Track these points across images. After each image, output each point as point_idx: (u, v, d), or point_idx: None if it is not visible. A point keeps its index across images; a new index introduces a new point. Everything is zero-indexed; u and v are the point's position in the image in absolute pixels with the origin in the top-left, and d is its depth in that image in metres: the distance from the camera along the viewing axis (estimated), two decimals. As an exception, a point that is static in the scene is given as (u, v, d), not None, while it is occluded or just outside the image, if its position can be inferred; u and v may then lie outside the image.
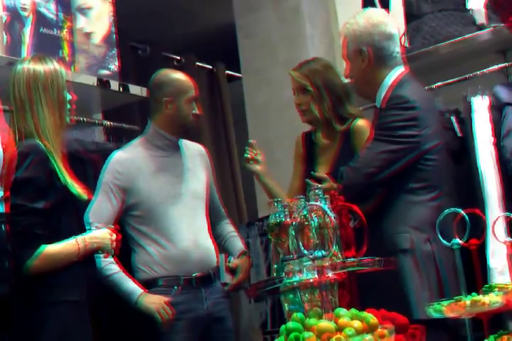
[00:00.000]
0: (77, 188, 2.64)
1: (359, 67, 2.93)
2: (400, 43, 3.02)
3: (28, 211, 2.52)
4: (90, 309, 2.62)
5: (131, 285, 2.99)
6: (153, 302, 2.96)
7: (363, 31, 2.92)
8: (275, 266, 2.48)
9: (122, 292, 2.98)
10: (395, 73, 2.91)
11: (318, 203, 2.23)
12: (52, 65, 2.71)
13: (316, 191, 2.33)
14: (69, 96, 2.74)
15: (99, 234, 2.69)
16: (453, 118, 3.53)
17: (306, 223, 2.27)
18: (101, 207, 3.04)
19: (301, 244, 2.08)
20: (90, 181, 3.13)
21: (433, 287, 2.68)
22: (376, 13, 3.05)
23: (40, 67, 2.69)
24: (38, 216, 2.54)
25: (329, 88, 3.12)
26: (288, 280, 2.09)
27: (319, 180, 2.89)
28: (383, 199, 2.81)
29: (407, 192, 2.79)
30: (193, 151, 3.30)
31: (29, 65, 2.69)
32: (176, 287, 3.05)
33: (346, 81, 3.21)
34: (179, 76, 3.25)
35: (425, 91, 3.21)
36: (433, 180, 2.81)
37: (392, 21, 3.01)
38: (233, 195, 5.06)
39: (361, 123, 3.09)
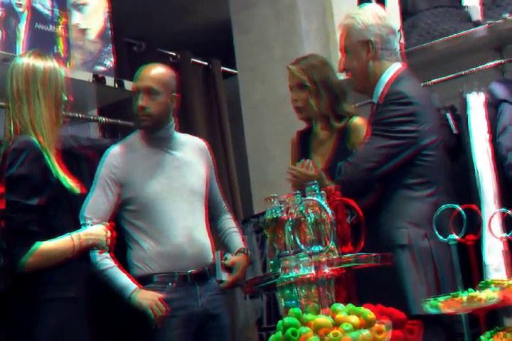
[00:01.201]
0: (69, 182, 2.64)
1: (361, 59, 2.93)
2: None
3: (23, 208, 2.52)
4: (85, 305, 2.62)
5: (125, 281, 2.98)
6: (147, 298, 2.94)
7: (373, 22, 2.92)
8: (271, 262, 2.47)
9: (116, 287, 2.97)
10: (394, 69, 2.92)
11: (314, 198, 2.23)
12: (52, 63, 2.71)
13: (313, 186, 2.33)
14: (65, 98, 2.73)
15: (95, 230, 2.68)
16: (448, 115, 3.53)
17: (302, 219, 2.26)
18: (97, 202, 3.03)
19: (298, 239, 2.08)
20: (86, 177, 3.12)
21: (430, 282, 2.69)
22: (380, 8, 3.06)
23: (40, 63, 2.69)
24: (32, 213, 2.53)
25: (326, 84, 3.13)
26: (285, 276, 2.08)
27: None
28: (381, 195, 2.81)
29: (404, 188, 2.79)
30: (192, 146, 3.28)
31: (29, 60, 2.69)
32: (170, 283, 3.04)
33: (341, 78, 3.22)
34: (142, 69, 3.20)
35: (423, 88, 3.21)
36: (430, 176, 2.82)
37: (394, 17, 3.03)
38: (228, 192, 5.05)
39: (358, 121, 3.09)
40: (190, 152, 3.24)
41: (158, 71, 3.17)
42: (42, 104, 2.65)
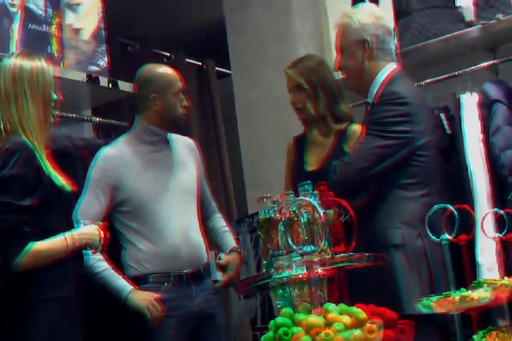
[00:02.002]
0: (61, 180, 2.64)
1: (357, 59, 2.93)
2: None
3: (16, 209, 2.51)
4: (79, 306, 2.62)
5: (120, 282, 2.98)
6: (143, 298, 2.95)
7: (369, 22, 2.92)
8: (264, 262, 2.47)
9: (112, 289, 2.97)
10: (389, 69, 2.92)
11: (307, 198, 2.23)
12: (39, 62, 2.71)
13: (306, 186, 2.33)
14: (55, 96, 2.72)
15: (88, 230, 2.67)
16: (442, 116, 3.54)
17: (295, 219, 2.26)
18: (89, 205, 3.02)
19: (290, 239, 2.08)
20: (79, 177, 3.12)
21: (424, 282, 2.69)
22: (376, 8, 3.07)
23: (27, 63, 2.68)
24: (25, 213, 2.53)
25: (324, 85, 3.14)
26: (277, 276, 2.09)
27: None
28: (375, 195, 2.82)
29: (399, 188, 2.80)
30: (183, 145, 3.29)
31: (16, 60, 2.69)
32: (166, 283, 3.04)
33: (337, 77, 3.22)
34: (164, 70, 3.23)
35: (417, 88, 3.22)
36: (424, 176, 2.83)
37: (389, 17, 3.03)
38: (223, 192, 5.05)
39: (357, 128, 3.10)
40: (182, 151, 3.25)
41: None
42: (30, 103, 2.65)
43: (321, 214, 2.14)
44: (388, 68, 2.93)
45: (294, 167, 3.21)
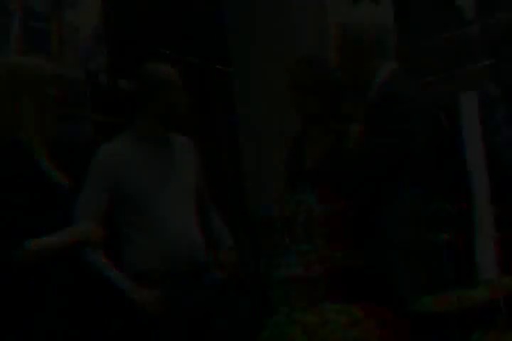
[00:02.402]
0: (58, 178, 2.64)
1: (356, 58, 2.94)
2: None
3: (13, 206, 2.52)
4: (78, 304, 2.62)
5: (120, 280, 2.98)
6: (143, 296, 2.95)
7: (368, 21, 2.93)
8: (264, 261, 2.48)
9: (112, 286, 2.98)
10: (387, 68, 2.93)
11: (306, 197, 2.24)
12: (35, 61, 2.71)
13: (304, 185, 2.34)
14: (52, 94, 2.73)
15: (86, 227, 2.68)
16: (441, 115, 3.54)
17: (294, 218, 2.27)
18: (88, 202, 3.03)
19: (288, 238, 2.09)
20: (78, 175, 3.12)
21: (422, 281, 2.70)
22: (375, 7, 3.07)
23: (23, 60, 2.69)
24: (23, 211, 2.53)
25: (324, 85, 3.15)
26: (275, 274, 2.09)
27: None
28: (375, 193, 2.82)
29: (397, 187, 2.81)
30: (181, 144, 3.30)
31: (11, 59, 2.70)
32: (165, 281, 3.05)
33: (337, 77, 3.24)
34: (164, 69, 3.24)
35: (416, 87, 3.22)
36: (424, 175, 2.84)
37: (387, 17, 3.05)
38: (221, 191, 5.06)
39: (356, 127, 3.10)
40: (180, 150, 3.26)
41: None
42: (27, 102, 2.65)
43: (319, 213, 2.15)
44: (387, 67, 2.94)
45: (293, 166, 3.22)
